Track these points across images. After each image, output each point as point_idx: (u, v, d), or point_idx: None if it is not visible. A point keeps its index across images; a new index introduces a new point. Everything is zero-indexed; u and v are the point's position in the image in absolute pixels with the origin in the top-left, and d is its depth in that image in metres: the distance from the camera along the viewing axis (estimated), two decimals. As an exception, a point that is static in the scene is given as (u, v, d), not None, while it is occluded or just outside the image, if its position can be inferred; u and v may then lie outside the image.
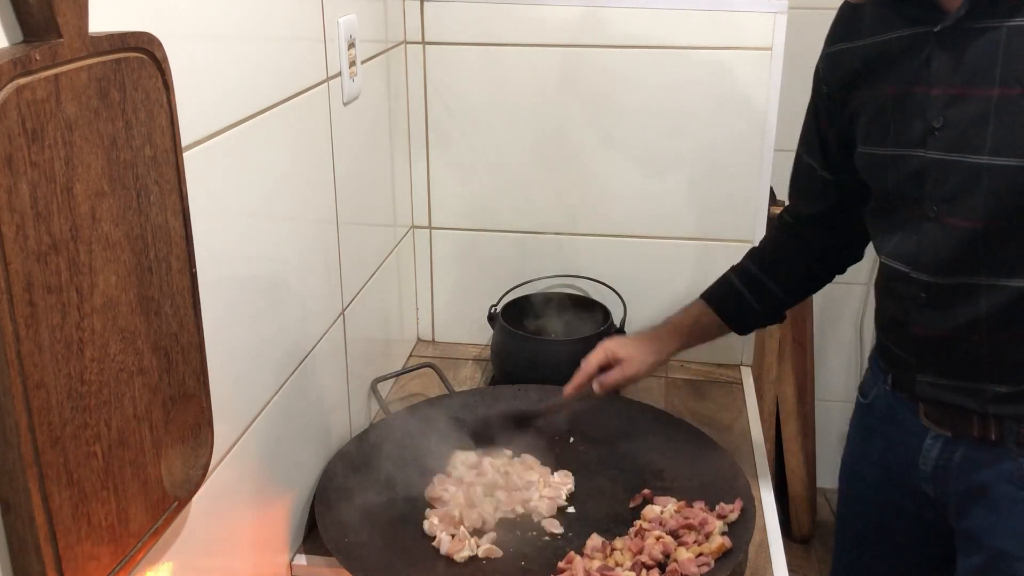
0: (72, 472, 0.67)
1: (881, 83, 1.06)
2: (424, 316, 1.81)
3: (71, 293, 0.66)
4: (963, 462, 1.11)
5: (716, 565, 1.10)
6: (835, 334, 2.68)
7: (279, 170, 1.09)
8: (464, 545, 1.16)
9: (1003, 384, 1.05)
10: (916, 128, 1.02)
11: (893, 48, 1.05)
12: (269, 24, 1.05)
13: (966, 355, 1.06)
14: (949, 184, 1.00)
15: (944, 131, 1.00)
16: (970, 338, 1.05)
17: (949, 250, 1.03)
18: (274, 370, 1.11)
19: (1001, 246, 1.00)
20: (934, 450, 1.13)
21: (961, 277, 1.03)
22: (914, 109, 1.02)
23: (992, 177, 0.97)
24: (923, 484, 1.16)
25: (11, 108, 0.59)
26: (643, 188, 1.64)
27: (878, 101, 1.07)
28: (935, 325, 1.07)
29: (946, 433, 1.12)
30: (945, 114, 0.99)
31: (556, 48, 1.58)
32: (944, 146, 1.00)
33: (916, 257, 1.06)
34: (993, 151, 0.96)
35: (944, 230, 1.02)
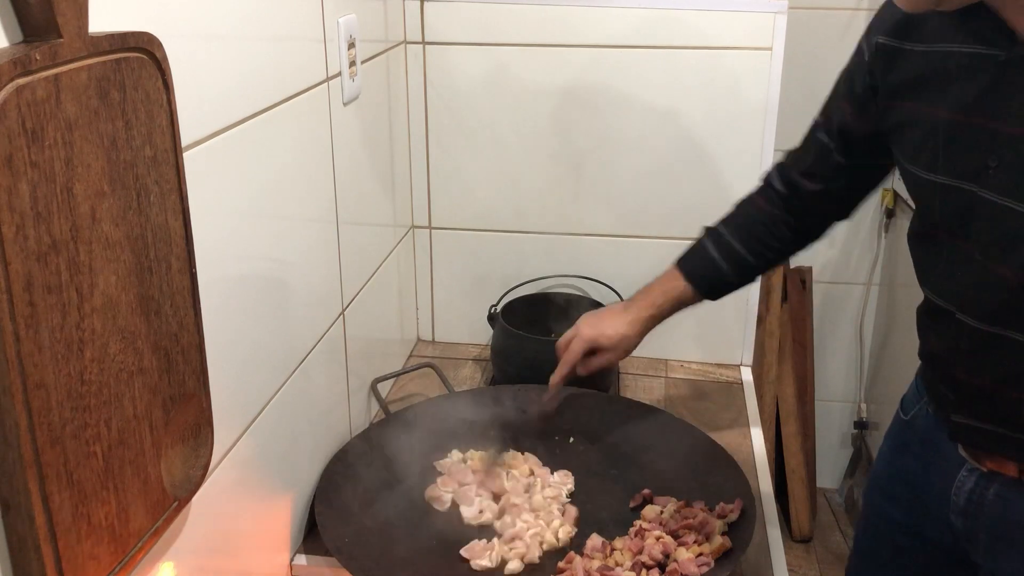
0: (72, 472, 0.67)
1: (935, 103, 0.97)
2: (424, 316, 1.81)
3: (71, 293, 0.66)
4: (996, 500, 1.05)
5: (716, 565, 1.10)
6: (835, 334, 2.68)
7: (279, 170, 1.09)
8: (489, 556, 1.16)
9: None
10: (970, 161, 0.93)
11: (952, 66, 0.95)
12: (269, 24, 1.05)
13: (1004, 407, 0.99)
14: (999, 230, 0.92)
15: (1000, 171, 0.90)
16: (1010, 392, 0.98)
17: (994, 299, 0.95)
18: (274, 370, 1.11)
19: None
20: (968, 483, 1.07)
21: (1008, 330, 0.95)
22: (971, 141, 0.93)
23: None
24: (952, 515, 1.10)
25: (11, 108, 0.59)
26: (643, 188, 1.65)
27: (929, 122, 0.97)
28: (976, 373, 1.01)
29: (981, 468, 1.06)
30: (1003, 153, 0.90)
31: (556, 48, 1.58)
32: (998, 188, 0.91)
33: (961, 298, 0.99)
34: None
35: (991, 277, 0.94)
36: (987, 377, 0.99)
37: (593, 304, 1.66)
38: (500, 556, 1.16)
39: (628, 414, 1.43)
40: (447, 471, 1.33)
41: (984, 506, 1.06)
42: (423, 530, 1.22)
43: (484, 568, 1.15)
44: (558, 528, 1.21)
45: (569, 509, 1.26)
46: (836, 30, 2.32)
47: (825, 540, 2.60)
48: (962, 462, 1.07)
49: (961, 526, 1.09)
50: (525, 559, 1.16)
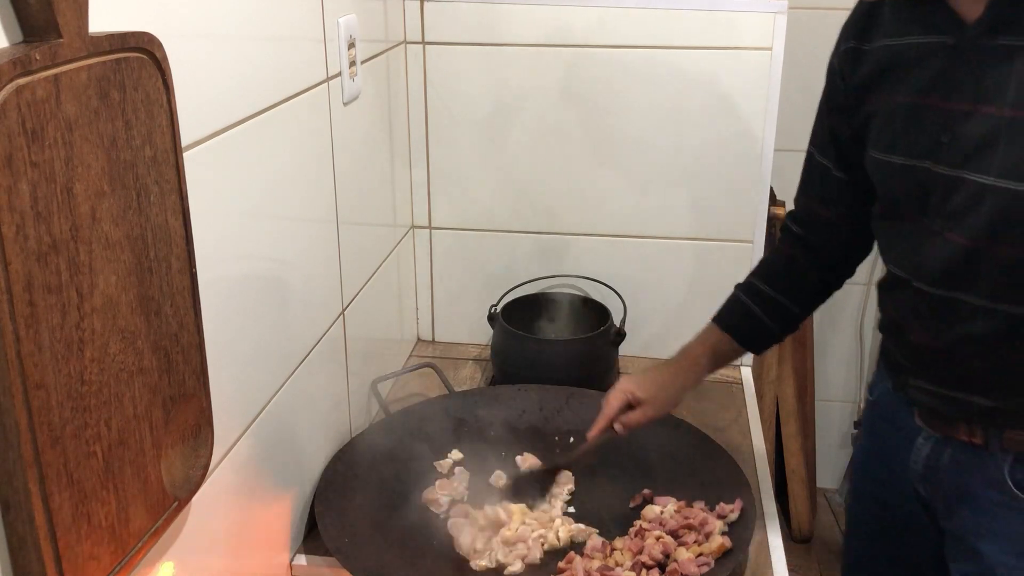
0: (72, 472, 0.67)
1: (895, 90, 1.05)
2: (424, 316, 1.81)
3: (71, 293, 0.66)
4: (951, 464, 1.12)
5: (716, 565, 1.10)
6: (835, 334, 2.68)
7: (279, 170, 1.09)
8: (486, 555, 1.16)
9: (990, 398, 1.05)
10: (925, 140, 1.01)
11: (909, 54, 1.03)
12: (269, 24, 1.05)
13: (958, 368, 1.06)
14: (953, 201, 0.99)
15: (952, 146, 0.98)
16: (964, 353, 1.05)
17: (949, 265, 1.02)
18: (274, 370, 1.11)
19: (1002, 270, 0.98)
20: (925, 449, 1.14)
21: (959, 293, 1.02)
22: (926, 121, 1.01)
23: (996, 199, 0.95)
24: (916, 483, 1.17)
25: (11, 108, 0.59)
26: (643, 188, 1.65)
27: (890, 108, 1.06)
28: (931, 335, 1.07)
29: (936, 434, 1.12)
30: (955, 129, 0.98)
31: (556, 48, 1.58)
32: (951, 161, 0.98)
33: (918, 267, 1.06)
34: (1001, 172, 0.94)
35: (946, 245, 1.01)
36: (941, 340, 1.06)
37: (594, 304, 1.66)
38: (498, 558, 1.16)
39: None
40: (446, 473, 1.33)
41: (940, 471, 1.13)
42: (423, 530, 1.22)
43: (484, 568, 1.15)
44: (559, 527, 1.21)
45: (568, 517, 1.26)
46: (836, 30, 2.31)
47: (825, 540, 2.60)
48: (919, 431, 1.14)
49: (925, 493, 1.17)
50: (526, 560, 1.16)
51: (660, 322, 1.73)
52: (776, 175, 1.63)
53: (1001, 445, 1.06)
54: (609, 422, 1.26)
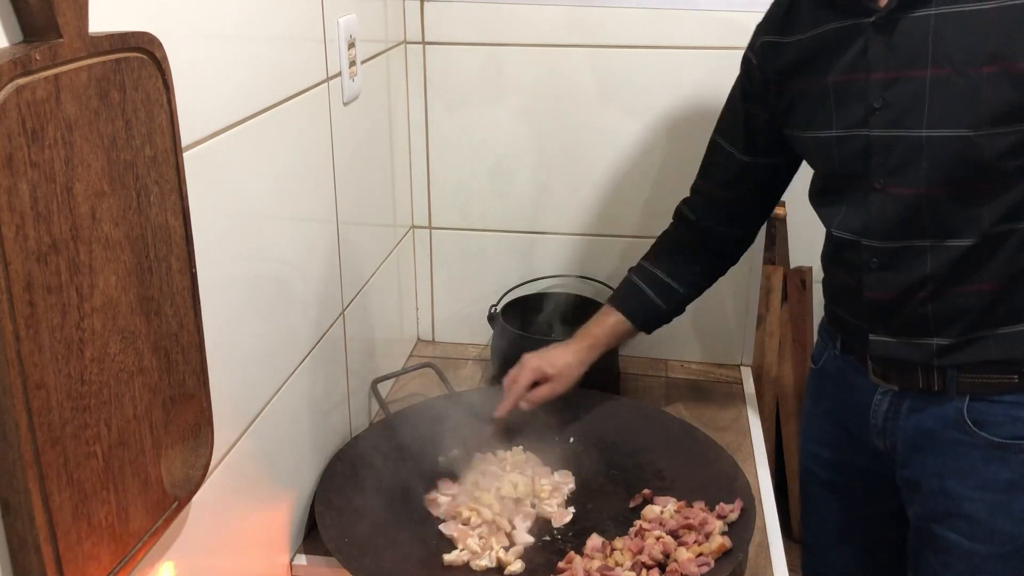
0: (72, 472, 0.67)
1: (821, 73, 1.14)
2: (424, 316, 1.81)
3: (71, 293, 0.66)
4: (909, 412, 1.19)
5: (716, 565, 1.10)
6: (835, 334, 2.67)
7: (279, 170, 1.09)
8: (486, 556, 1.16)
9: (945, 336, 1.13)
10: (858, 110, 1.11)
11: (830, 40, 1.13)
12: (269, 24, 1.05)
13: (913, 313, 1.14)
14: (893, 158, 1.09)
15: (885, 110, 1.09)
16: (917, 296, 1.13)
17: (896, 217, 1.11)
18: (274, 370, 1.11)
19: (944, 210, 1.08)
20: (883, 404, 1.21)
21: (907, 240, 1.11)
22: (855, 94, 1.11)
23: (931, 148, 1.06)
24: (874, 438, 1.24)
25: (11, 108, 0.59)
26: (643, 188, 1.64)
27: (819, 89, 1.15)
28: (885, 287, 1.15)
29: (893, 387, 1.20)
30: (885, 95, 1.08)
31: (556, 48, 1.58)
32: (886, 123, 1.09)
33: (865, 226, 1.14)
34: (931, 124, 1.05)
35: (890, 199, 1.11)
36: (896, 289, 1.14)
37: (594, 304, 1.66)
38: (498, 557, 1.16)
39: (628, 414, 1.43)
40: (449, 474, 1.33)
41: (899, 420, 1.21)
42: (423, 530, 1.22)
43: (484, 568, 1.15)
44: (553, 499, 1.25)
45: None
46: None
47: (825, 540, 2.59)
48: (875, 388, 1.22)
49: (882, 446, 1.24)
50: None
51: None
52: (776, 175, 1.63)
53: (957, 388, 1.14)
54: (517, 399, 1.35)
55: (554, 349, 1.38)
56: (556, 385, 1.35)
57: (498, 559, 1.16)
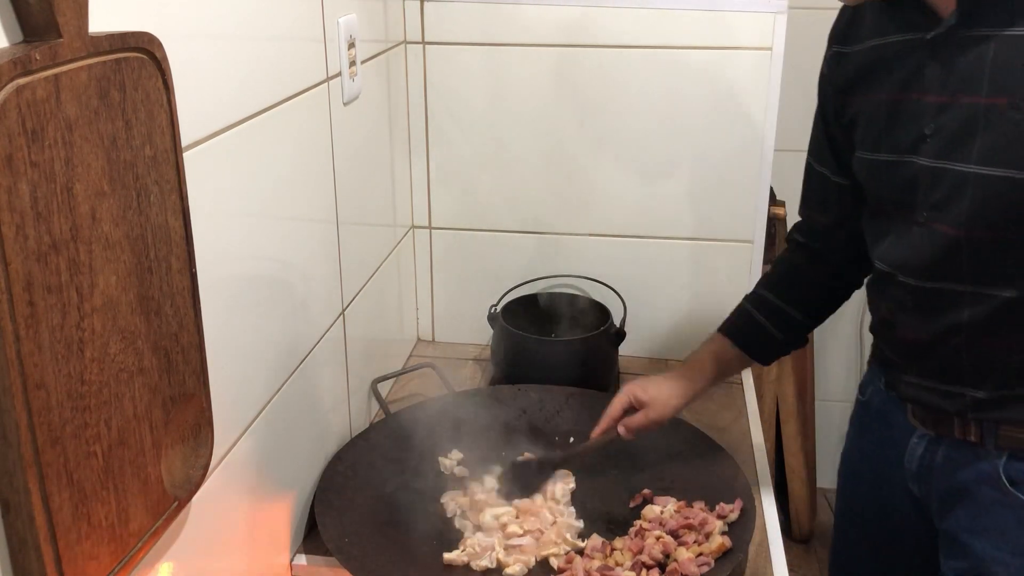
0: (72, 472, 0.67)
1: (876, 89, 1.07)
2: (424, 316, 1.81)
3: (71, 293, 0.66)
4: (945, 462, 1.12)
5: (716, 565, 1.10)
6: (835, 334, 2.68)
7: (279, 170, 1.09)
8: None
9: (981, 389, 1.05)
10: (910, 134, 1.03)
11: (888, 54, 1.06)
12: (269, 24, 1.05)
13: (947, 359, 1.07)
14: (938, 191, 1.01)
15: (935, 138, 1.00)
16: (951, 342, 1.05)
17: (934, 256, 1.03)
18: (274, 370, 1.11)
19: (985, 255, 1.00)
20: (919, 449, 1.15)
21: (945, 283, 1.04)
22: (908, 116, 1.03)
23: (976, 186, 0.97)
24: (909, 483, 1.18)
25: (11, 108, 0.59)
26: (643, 188, 1.64)
27: (873, 107, 1.08)
28: (919, 329, 1.08)
29: (930, 432, 1.13)
30: (936, 121, 1.00)
31: (556, 48, 1.58)
32: (935, 153, 1.01)
33: (904, 261, 1.07)
34: (979, 160, 0.96)
35: (931, 236, 1.03)
36: (928, 332, 1.07)
37: (594, 304, 1.66)
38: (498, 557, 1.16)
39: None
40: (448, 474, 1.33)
41: (934, 469, 1.14)
42: (423, 530, 1.22)
43: (484, 568, 1.15)
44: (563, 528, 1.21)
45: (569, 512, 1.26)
46: (836, 30, 2.32)
47: (825, 540, 2.59)
48: (912, 430, 1.15)
49: (917, 491, 1.17)
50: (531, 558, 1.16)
51: (660, 322, 1.73)
52: (776, 175, 1.63)
53: (996, 442, 1.06)
54: (612, 423, 1.27)
55: (657, 377, 1.28)
56: (650, 413, 1.25)
57: (498, 559, 1.16)
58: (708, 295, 1.69)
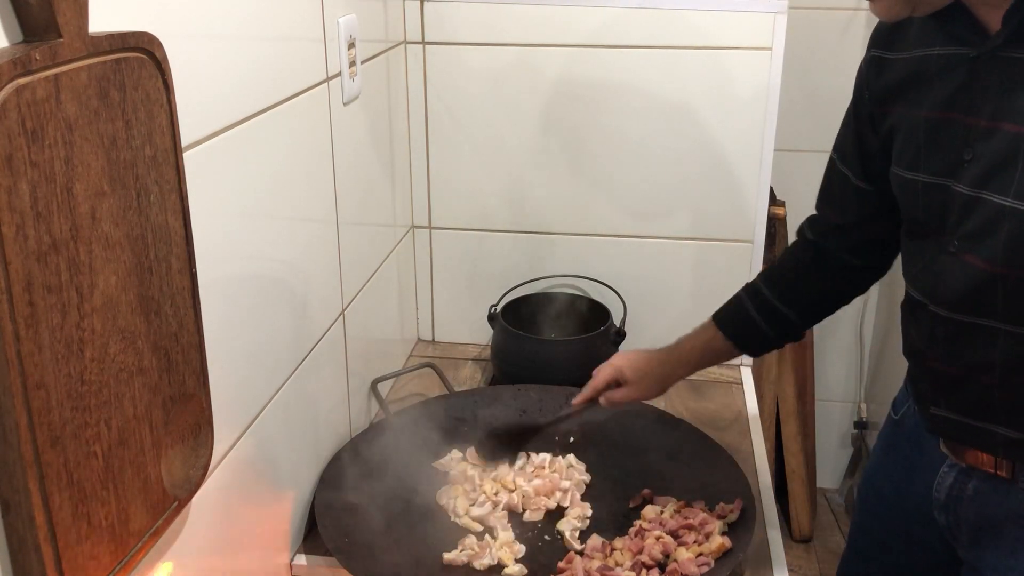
0: (72, 472, 0.67)
1: (917, 104, 1.01)
2: (424, 316, 1.81)
3: (71, 293, 0.66)
4: (975, 495, 1.07)
5: (716, 565, 1.10)
6: (835, 334, 2.68)
7: (279, 170, 1.09)
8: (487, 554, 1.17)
9: (1015, 429, 1.00)
10: (948, 157, 0.97)
11: (932, 67, 0.99)
12: (269, 24, 1.05)
13: (978, 396, 1.02)
14: (971, 221, 0.94)
15: (973, 164, 0.94)
16: (983, 380, 1.00)
17: (966, 288, 0.97)
18: (274, 370, 1.11)
19: (1021, 293, 0.93)
20: (948, 478, 1.09)
21: (978, 318, 0.97)
22: (947, 137, 0.97)
23: (1013, 221, 0.90)
24: (935, 511, 1.12)
25: (11, 108, 0.59)
26: (643, 188, 1.64)
27: (913, 123, 1.01)
28: (949, 362, 1.03)
29: (961, 463, 1.08)
30: (976, 147, 0.93)
31: (556, 48, 1.58)
32: (972, 180, 0.94)
33: (934, 290, 1.02)
34: (1018, 194, 0.89)
35: (963, 267, 0.96)
36: (959, 366, 1.01)
37: (594, 304, 1.66)
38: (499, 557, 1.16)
39: (628, 414, 1.42)
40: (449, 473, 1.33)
41: (963, 501, 1.08)
42: (423, 530, 1.22)
43: (485, 567, 1.15)
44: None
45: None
46: (836, 30, 2.32)
47: (825, 540, 2.60)
48: (943, 458, 1.09)
49: (944, 521, 1.12)
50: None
51: (660, 322, 1.72)
52: (776, 175, 1.63)
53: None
54: (595, 394, 1.30)
55: (645, 354, 1.29)
56: (631, 391, 1.27)
57: (498, 559, 1.16)
58: (708, 295, 1.68)
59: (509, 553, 1.17)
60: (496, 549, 1.17)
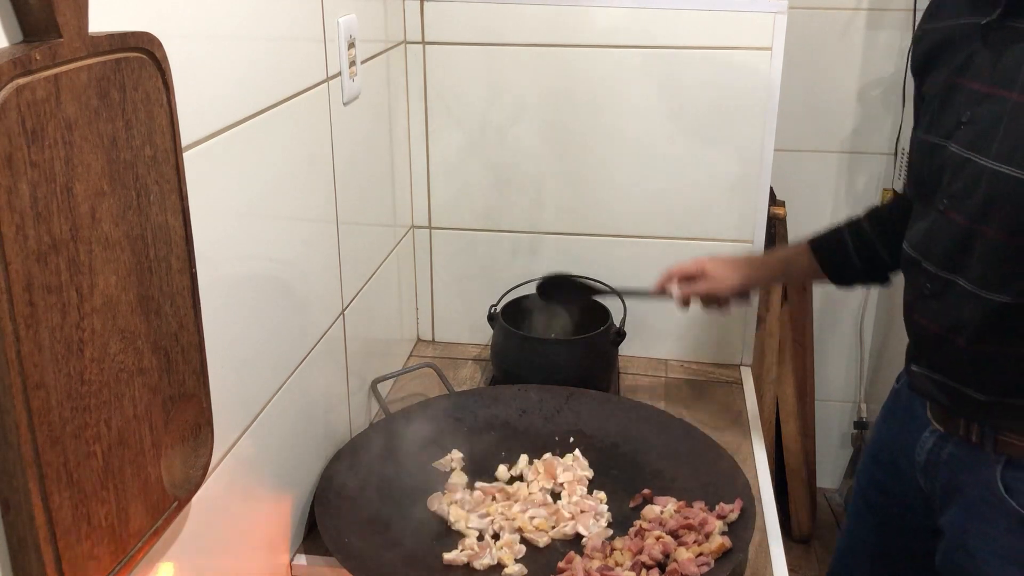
0: (72, 472, 0.67)
1: (938, 70, 1.08)
2: (424, 316, 1.81)
3: (71, 293, 0.66)
4: (950, 459, 1.15)
5: (716, 565, 1.10)
6: (835, 334, 2.68)
7: (279, 170, 1.09)
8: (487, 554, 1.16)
9: (981, 392, 1.07)
10: (952, 119, 1.04)
11: (956, 36, 1.06)
12: (269, 24, 1.05)
13: (952, 356, 1.08)
14: (959, 180, 1.02)
15: (968, 127, 1.01)
16: (955, 340, 1.07)
17: (948, 245, 1.05)
18: (274, 370, 1.11)
19: (988, 255, 1.00)
20: (928, 443, 1.18)
21: (955, 276, 1.05)
22: (953, 101, 1.04)
23: (989, 181, 0.97)
24: (918, 475, 1.21)
25: (11, 108, 0.59)
26: (643, 188, 1.65)
27: (935, 88, 1.09)
28: (931, 318, 1.10)
29: (941, 429, 1.16)
30: (973, 110, 1.01)
31: (556, 48, 1.58)
32: (965, 142, 1.01)
33: (926, 247, 1.09)
34: (996, 156, 0.96)
35: (948, 225, 1.04)
36: (939, 325, 1.09)
37: (594, 304, 1.66)
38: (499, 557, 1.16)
39: (628, 414, 1.43)
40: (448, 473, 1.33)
41: (939, 465, 1.16)
42: (423, 530, 1.22)
43: (485, 567, 1.15)
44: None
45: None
46: (836, 30, 2.32)
47: (825, 540, 2.60)
48: (927, 424, 1.18)
49: (924, 485, 1.20)
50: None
51: (660, 322, 1.73)
52: (776, 175, 1.63)
53: (995, 447, 1.08)
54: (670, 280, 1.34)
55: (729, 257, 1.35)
56: (708, 283, 1.31)
57: (498, 559, 1.16)
58: (708, 295, 1.70)
59: (509, 553, 1.17)
60: (496, 549, 1.17)
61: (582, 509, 1.24)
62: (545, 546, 1.20)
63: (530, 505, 1.25)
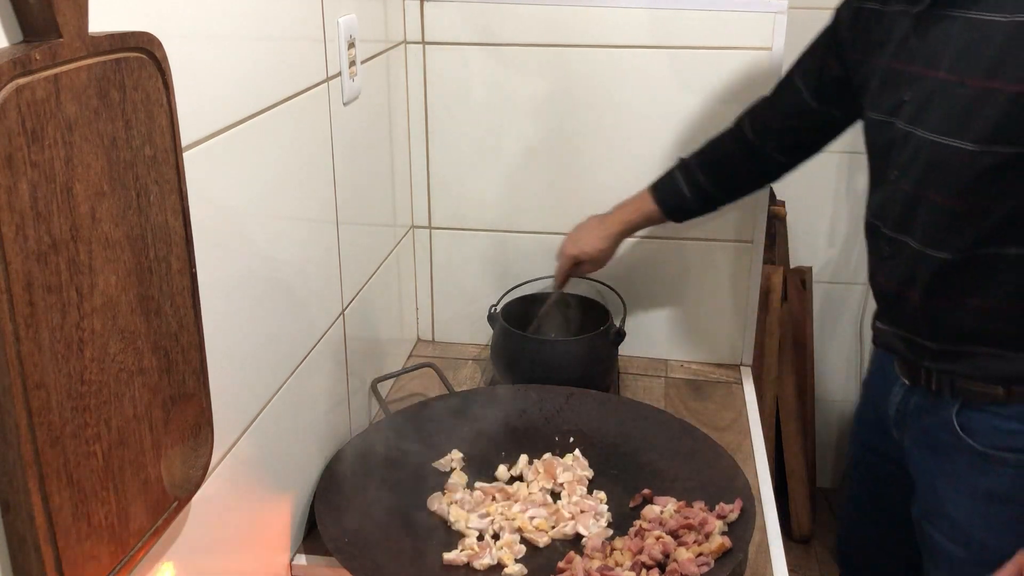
0: (72, 472, 0.67)
1: (880, 55, 1.19)
2: (424, 316, 1.81)
3: (71, 293, 0.66)
4: (915, 409, 1.25)
5: (716, 565, 1.10)
6: (835, 334, 2.68)
7: (279, 170, 1.09)
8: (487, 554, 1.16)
9: (935, 341, 1.18)
10: (894, 98, 1.15)
11: (892, 20, 1.17)
12: (269, 24, 1.05)
13: (908, 310, 1.20)
14: (905, 153, 1.14)
15: (908, 105, 1.13)
16: (909, 295, 1.18)
17: (899, 210, 1.17)
18: (274, 370, 1.11)
19: (930, 217, 1.12)
20: (898, 396, 1.28)
21: (906, 236, 1.16)
22: (893, 82, 1.16)
23: (928, 152, 1.10)
24: (892, 428, 1.31)
25: (11, 108, 0.59)
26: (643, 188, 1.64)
27: (875, 70, 1.20)
28: (889, 277, 1.22)
29: (907, 382, 1.26)
30: (912, 89, 1.12)
31: (556, 48, 1.58)
32: (907, 118, 1.13)
33: (882, 213, 1.21)
34: (931, 128, 1.09)
35: (898, 191, 1.16)
36: (895, 281, 1.21)
37: (594, 304, 1.66)
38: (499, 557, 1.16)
39: (628, 414, 1.43)
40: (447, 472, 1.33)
41: (907, 416, 1.27)
42: (423, 530, 1.22)
43: (485, 567, 1.15)
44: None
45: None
46: (836, 30, 2.32)
47: (825, 540, 2.60)
48: (896, 379, 1.28)
49: (897, 437, 1.31)
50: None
51: (660, 322, 1.73)
52: (776, 175, 1.62)
53: (952, 392, 1.18)
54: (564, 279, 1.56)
55: (587, 232, 1.53)
56: (592, 265, 1.54)
57: (498, 559, 1.16)
58: (708, 295, 1.70)
59: (509, 553, 1.17)
60: (496, 549, 1.17)
61: (582, 509, 1.24)
62: (545, 546, 1.20)
63: (530, 505, 1.25)
